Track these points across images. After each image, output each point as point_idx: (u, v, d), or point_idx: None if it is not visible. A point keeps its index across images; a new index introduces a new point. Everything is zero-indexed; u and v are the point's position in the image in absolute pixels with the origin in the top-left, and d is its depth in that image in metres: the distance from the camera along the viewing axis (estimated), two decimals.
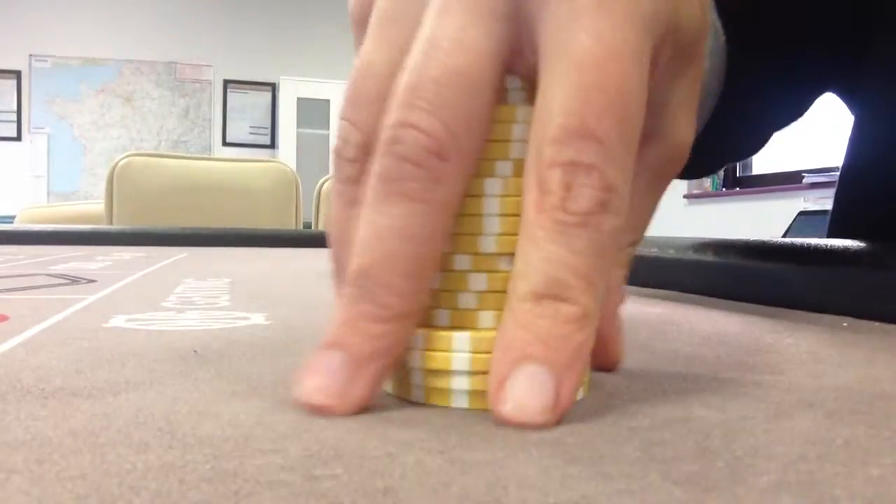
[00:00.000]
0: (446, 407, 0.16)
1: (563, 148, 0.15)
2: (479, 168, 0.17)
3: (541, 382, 0.15)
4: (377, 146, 0.16)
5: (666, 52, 0.18)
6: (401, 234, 0.16)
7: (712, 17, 0.31)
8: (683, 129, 0.20)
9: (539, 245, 0.15)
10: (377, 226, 0.16)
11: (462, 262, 0.17)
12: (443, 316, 0.17)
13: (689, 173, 0.51)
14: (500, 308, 0.16)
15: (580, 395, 0.17)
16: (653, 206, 0.21)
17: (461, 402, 0.16)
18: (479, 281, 0.17)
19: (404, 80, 0.16)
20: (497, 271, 0.17)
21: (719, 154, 0.51)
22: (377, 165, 0.16)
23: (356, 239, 0.16)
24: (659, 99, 0.19)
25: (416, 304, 0.16)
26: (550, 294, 0.15)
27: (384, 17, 0.18)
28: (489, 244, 0.17)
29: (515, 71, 0.17)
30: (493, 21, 0.16)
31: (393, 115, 0.16)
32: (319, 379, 0.16)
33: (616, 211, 0.15)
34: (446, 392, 0.16)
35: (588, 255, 0.15)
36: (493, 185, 0.17)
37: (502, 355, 0.15)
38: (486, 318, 0.17)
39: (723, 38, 0.37)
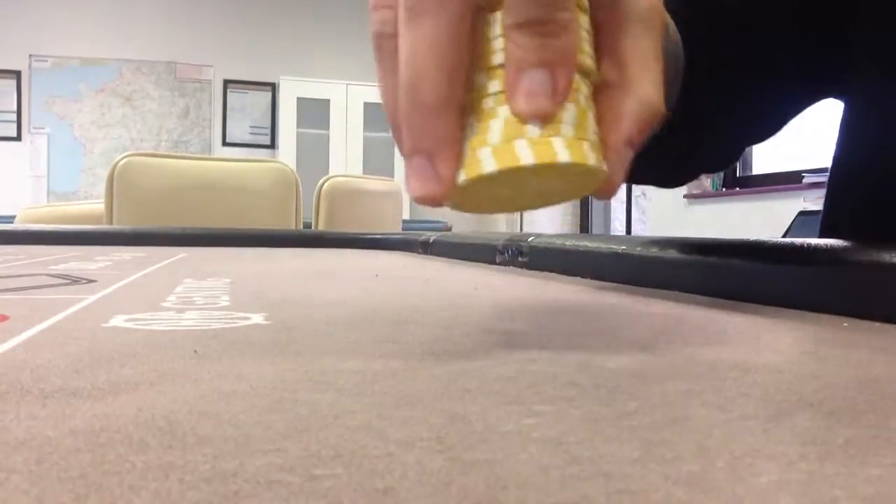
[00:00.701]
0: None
1: None
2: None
3: (540, 79, 0.20)
4: None
5: None
6: (429, 42, 0.20)
7: (666, 19, 0.33)
8: (650, 78, 0.24)
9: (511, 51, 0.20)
10: (411, 41, 0.20)
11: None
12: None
13: (662, 182, 0.52)
14: None
15: (592, 162, 0.20)
16: (650, 50, 0.24)
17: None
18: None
19: None
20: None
21: (695, 165, 0.52)
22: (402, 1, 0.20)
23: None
24: (611, 34, 0.23)
25: (455, 95, 0.20)
26: (534, 20, 0.20)
27: None
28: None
29: None
30: None
31: None
32: (419, 178, 0.21)
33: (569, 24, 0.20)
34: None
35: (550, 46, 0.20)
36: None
37: (509, 69, 0.20)
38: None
39: (676, 40, 0.39)
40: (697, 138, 0.46)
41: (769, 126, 0.54)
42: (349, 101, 5.04)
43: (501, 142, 0.20)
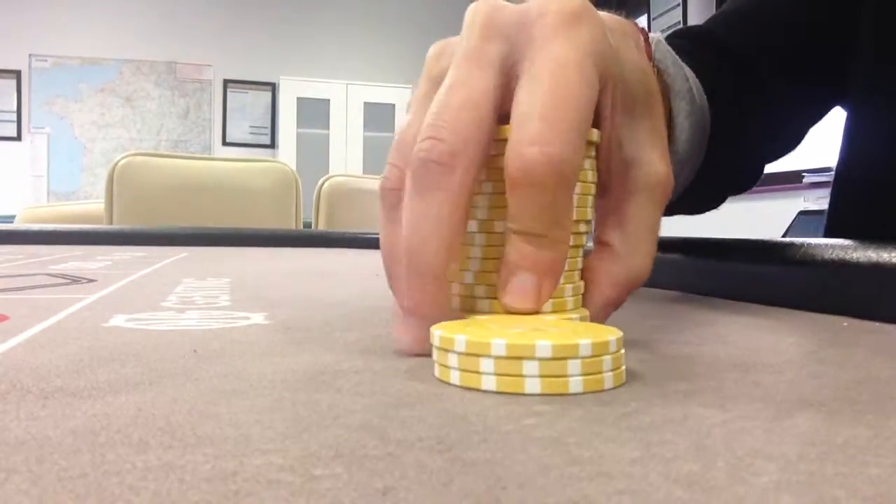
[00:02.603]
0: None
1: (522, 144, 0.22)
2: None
3: (528, 284, 0.22)
4: (411, 161, 0.22)
5: (616, 97, 0.25)
6: (432, 215, 0.22)
7: (688, 85, 0.38)
8: (657, 161, 0.27)
9: (513, 207, 0.22)
10: (415, 211, 0.22)
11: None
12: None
13: (694, 209, 0.54)
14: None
15: (622, 380, 0.19)
16: (650, 223, 0.27)
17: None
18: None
19: (430, 111, 0.23)
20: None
21: (719, 190, 0.54)
22: (410, 171, 0.23)
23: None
24: (629, 138, 0.26)
25: (451, 261, 0.22)
26: (532, 232, 0.22)
27: (421, 97, 0.25)
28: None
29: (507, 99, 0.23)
30: (490, 69, 0.23)
31: (421, 134, 0.22)
32: (413, 335, 0.22)
33: (568, 168, 0.21)
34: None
35: (550, 207, 0.22)
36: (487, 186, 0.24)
37: (504, 267, 0.22)
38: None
39: (702, 102, 0.41)
40: (725, 162, 0.48)
41: (787, 143, 0.57)
42: (349, 101, 5.04)
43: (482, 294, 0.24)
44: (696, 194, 0.49)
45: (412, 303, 0.22)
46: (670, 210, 0.52)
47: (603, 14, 0.27)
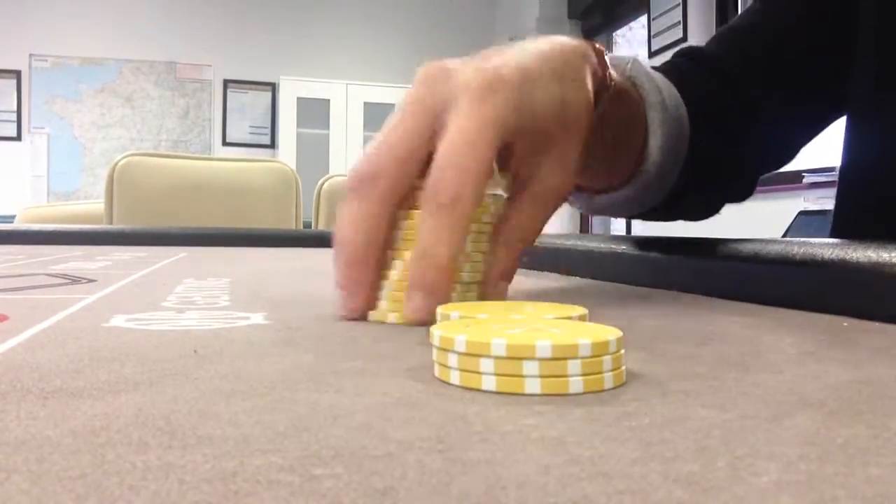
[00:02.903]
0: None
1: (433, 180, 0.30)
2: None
3: (420, 300, 0.29)
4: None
5: (525, 137, 0.32)
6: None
7: (661, 98, 0.44)
8: (557, 177, 0.34)
9: (423, 223, 0.29)
10: (347, 212, 0.30)
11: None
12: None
13: (692, 217, 0.57)
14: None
15: (622, 379, 0.19)
16: (542, 220, 0.34)
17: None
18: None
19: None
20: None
21: (715, 200, 0.57)
22: (348, 181, 0.31)
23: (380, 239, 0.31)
24: (534, 160, 0.33)
25: (368, 258, 0.30)
26: (421, 258, 0.29)
27: (408, 114, 0.32)
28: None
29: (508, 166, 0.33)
30: (422, 117, 0.31)
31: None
32: (344, 304, 0.30)
33: (465, 201, 0.29)
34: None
35: (450, 219, 0.29)
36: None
37: (408, 284, 0.29)
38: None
39: (677, 112, 0.46)
40: (716, 179, 0.53)
41: (782, 156, 0.59)
42: (349, 101, 5.04)
43: (392, 301, 0.30)
44: (693, 203, 0.53)
45: (338, 276, 0.30)
46: (671, 216, 0.54)
47: (553, 44, 0.35)
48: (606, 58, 0.39)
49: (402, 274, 0.30)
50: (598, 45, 0.38)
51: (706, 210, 0.58)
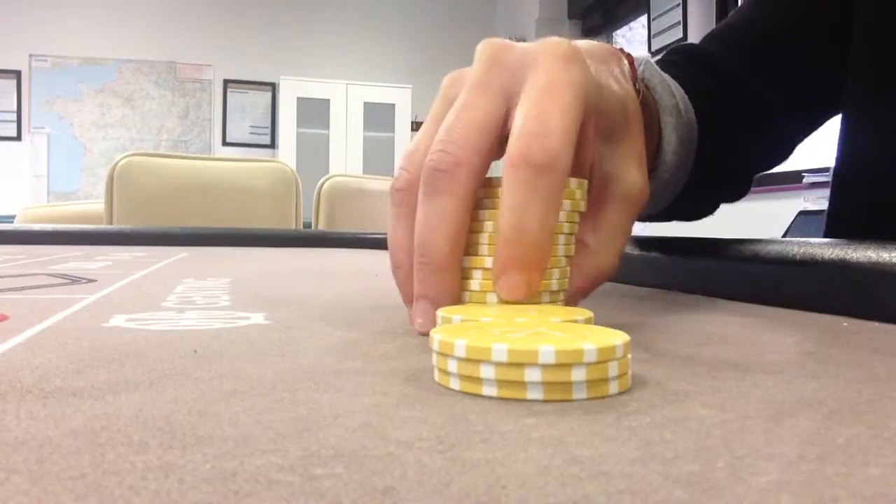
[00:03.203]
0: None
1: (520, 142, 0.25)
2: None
3: (517, 280, 0.25)
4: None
5: (599, 120, 0.29)
6: (438, 213, 0.26)
7: (674, 101, 0.42)
8: (633, 174, 0.31)
9: (510, 193, 0.25)
10: (425, 211, 0.26)
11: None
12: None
13: (688, 216, 0.57)
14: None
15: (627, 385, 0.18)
16: (621, 226, 0.31)
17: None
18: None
19: (441, 128, 0.27)
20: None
21: (711, 199, 0.57)
22: (422, 177, 0.26)
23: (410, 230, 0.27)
24: (608, 157, 0.31)
25: (456, 256, 0.26)
26: (520, 223, 0.25)
27: (433, 116, 0.29)
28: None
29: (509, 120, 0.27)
30: (494, 96, 0.27)
31: (432, 147, 0.26)
32: (423, 317, 0.26)
33: (559, 158, 0.25)
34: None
35: (540, 194, 0.25)
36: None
37: (495, 265, 0.26)
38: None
39: (688, 116, 0.45)
40: (713, 177, 0.52)
41: (778, 155, 0.59)
42: (349, 101, 5.04)
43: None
44: (689, 203, 0.52)
45: (421, 288, 0.27)
46: (667, 216, 0.54)
47: (590, 44, 0.34)
48: (635, 65, 0.38)
49: (481, 284, 0.27)
50: (628, 52, 0.37)
51: (702, 210, 0.58)
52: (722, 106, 0.52)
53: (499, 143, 0.27)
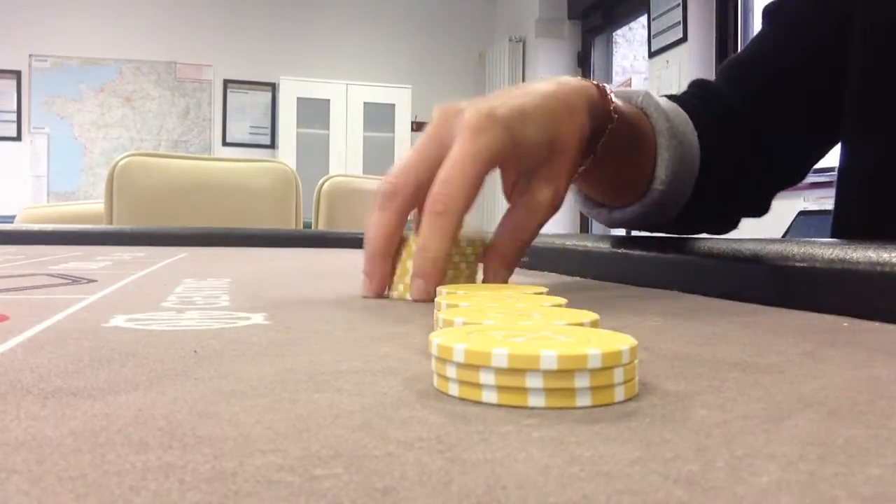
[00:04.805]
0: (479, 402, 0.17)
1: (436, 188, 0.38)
2: None
3: (418, 284, 0.38)
4: (426, 203, 0.37)
5: (515, 162, 0.40)
6: (437, 232, 0.37)
7: (668, 125, 0.51)
8: (545, 191, 0.40)
9: (422, 227, 0.38)
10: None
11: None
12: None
13: (713, 231, 0.62)
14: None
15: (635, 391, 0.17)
16: (532, 226, 0.41)
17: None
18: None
19: (441, 174, 0.37)
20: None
21: (731, 217, 0.63)
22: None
23: (391, 244, 0.40)
24: (525, 180, 0.41)
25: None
26: (419, 252, 0.38)
27: (419, 144, 0.40)
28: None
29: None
30: (438, 150, 0.39)
31: (434, 189, 0.37)
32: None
33: (452, 207, 0.37)
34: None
35: (441, 224, 0.37)
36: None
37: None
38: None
39: (685, 138, 0.53)
40: (727, 198, 0.59)
41: (791, 177, 0.64)
42: (349, 101, 5.04)
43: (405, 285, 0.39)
44: (709, 219, 0.59)
45: (367, 268, 0.40)
46: (691, 230, 0.57)
47: (556, 84, 0.42)
48: (610, 94, 0.45)
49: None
50: (600, 84, 0.45)
51: (724, 225, 0.63)
52: (730, 134, 0.57)
53: (433, 181, 0.38)
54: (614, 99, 0.45)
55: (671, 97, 0.57)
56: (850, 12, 0.55)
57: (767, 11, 0.63)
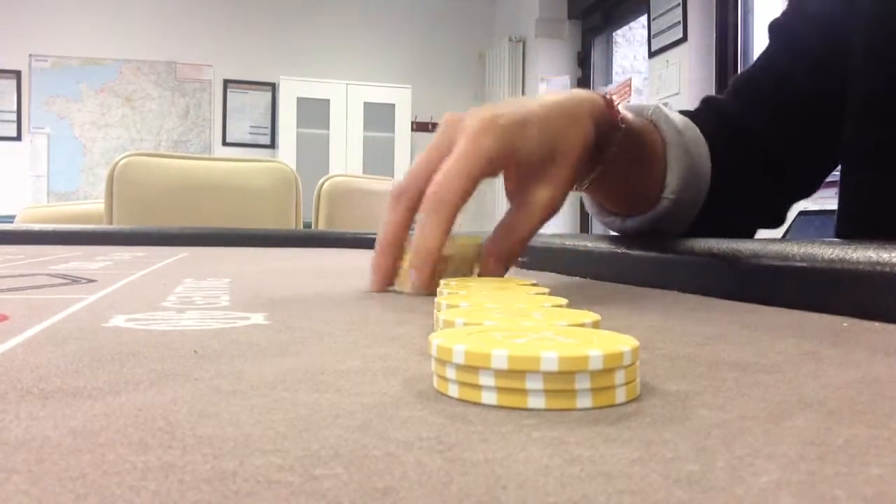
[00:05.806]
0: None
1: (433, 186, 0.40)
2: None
3: (412, 276, 0.40)
4: (424, 199, 0.40)
5: (515, 167, 0.42)
6: (434, 225, 0.39)
7: (678, 138, 0.52)
8: (543, 195, 0.42)
9: (420, 221, 0.40)
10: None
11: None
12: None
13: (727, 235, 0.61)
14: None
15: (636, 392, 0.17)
16: (530, 227, 0.42)
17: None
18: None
19: (443, 168, 0.40)
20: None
21: (747, 227, 0.64)
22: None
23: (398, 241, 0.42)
24: (528, 180, 0.42)
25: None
26: (421, 234, 0.40)
27: (428, 150, 0.43)
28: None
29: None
30: (440, 155, 0.41)
31: (431, 185, 0.39)
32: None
33: (448, 200, 0.39)
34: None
35: (434, 218, 0.39)
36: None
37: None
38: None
39: (696, 149, 0.54)
40: (739, 209, 0.60)
41: (803, 191, 0.64)
42: (349, 101, 5.03)
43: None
44: (725, 232, 0.59)
45: (375, 262, 0.42)
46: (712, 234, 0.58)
47: (562, 96, 0.44)
48: (619, 105, 0.47)
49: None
50: (607, 95, 0.46)
51: (738, 236, 0.63)
52: (736, 149, 0.58)
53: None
54: (622, 110, 0.47)
55: (682, 112, 0.59)
56: (851, 35, 0.56)
57: (773, 28, 0.64)
